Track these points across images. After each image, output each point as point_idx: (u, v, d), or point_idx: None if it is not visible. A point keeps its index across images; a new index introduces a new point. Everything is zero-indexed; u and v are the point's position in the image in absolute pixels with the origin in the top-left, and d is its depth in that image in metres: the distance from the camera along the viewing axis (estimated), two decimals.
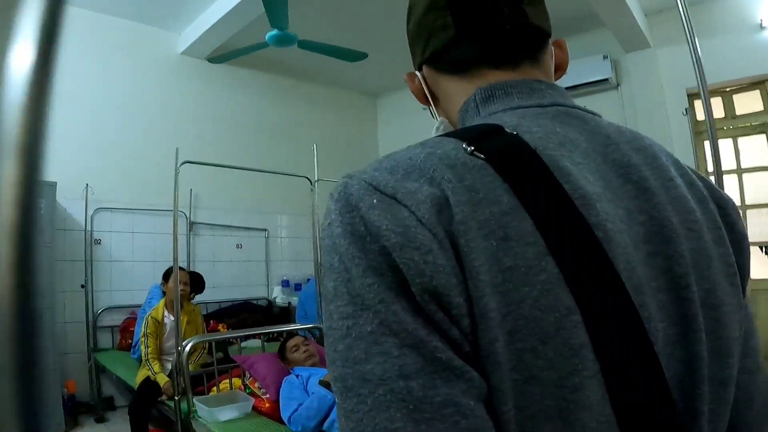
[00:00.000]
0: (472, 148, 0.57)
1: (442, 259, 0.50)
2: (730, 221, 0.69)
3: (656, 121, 6.00)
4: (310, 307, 5.97)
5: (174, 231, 3.71)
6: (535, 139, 0.59)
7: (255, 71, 7.42)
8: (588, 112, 0.70)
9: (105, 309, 5.92)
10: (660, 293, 0.57)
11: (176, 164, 3.71)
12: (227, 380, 3.93)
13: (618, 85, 6.32)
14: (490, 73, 0.72)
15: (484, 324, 0.49)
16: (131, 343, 5.41)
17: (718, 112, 6.06)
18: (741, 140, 5.99)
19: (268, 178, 6.15)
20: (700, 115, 6.01)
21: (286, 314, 6.86)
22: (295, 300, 6.74)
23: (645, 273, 0.57)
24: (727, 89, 6.06)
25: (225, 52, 5.79)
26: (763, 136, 5.95)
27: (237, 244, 7.07)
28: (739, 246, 0.69)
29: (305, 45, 5.07)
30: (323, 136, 6.98)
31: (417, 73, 0.81)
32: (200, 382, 3.92)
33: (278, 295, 7.08)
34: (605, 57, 6.17)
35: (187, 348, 3.44)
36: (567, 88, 3.22)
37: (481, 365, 0.50)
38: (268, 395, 3.50)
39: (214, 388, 3.84)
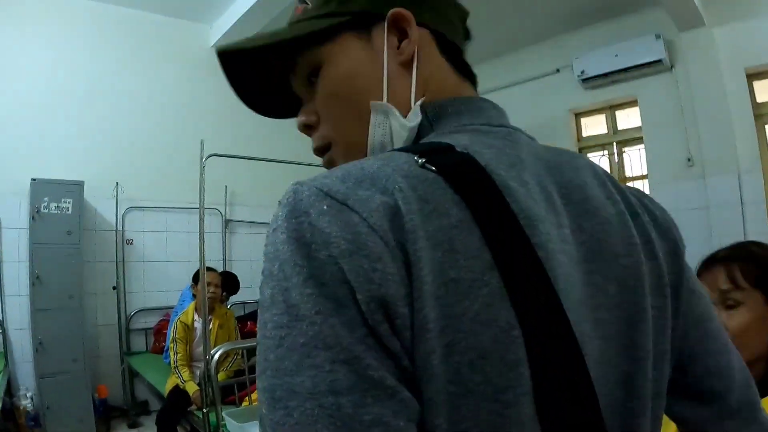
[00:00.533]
0: (423, 160, 0.56)
1: (391, 268, 0.49)
2: (662, 230, 0.72)
3: (714, 104, 5.60)
4: None
5: (200, 228, 3.53)
6: (485, 159, 0.59)
7: None
8: (527, 135, 0.70)
9: (138, 311, 5.82)
10: (598, 311, 0.59)
11: (201, 157, 3.52)
12: None
13: (672, 66, 5.92)
14: (464, 85, 0.75)
15: (422, 335, 0.49)
16: (164, 347, 5.26)
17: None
18: None
19: (306, 172, 5.90)
20: (760, 97, 5.64)
21: None
22: None
23: (583, 292, 0.58)
24: None
25: None
26: None
27: None
28: (672, 251, 0.71)
29: None
30: None
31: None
32: (232, 392, 3.71)
33: None
34: (658, 37, 5.76)
35: (216, 356, 3.20)
36: (618, 71, 3.46)
37: (417, 377, 0.49)
38: None
39: (247, 398, 3.61)
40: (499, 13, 6.11)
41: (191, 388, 3.88)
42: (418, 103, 0.69)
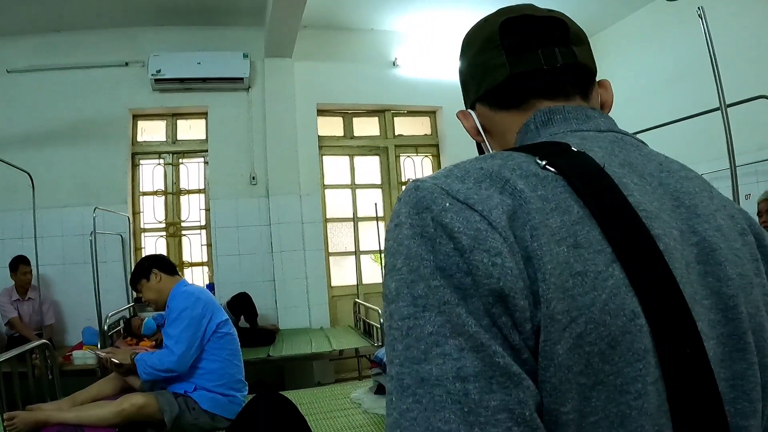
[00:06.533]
0: (545, 162, 0.60)
1: (510, 262, 0.51)
2: (766, 252, 0.70)
3: (285, 130, 6.15)
4: None
5: None
6: (598, 158, 0.62)
7: None
8: (637, 140, 0.73)
9: None
10: (711, 312, 0.59)
11: None
12: None
13: (250, 87, 6.19)
14: (545, 102, 0.75)
15: (551, 326, 0.50)
16: None
17: (337, 130, 6.67)
18: (357, 159, 6.72)
19: None
20: (321, 131, 6.46)
21: None
22: None
23: (697, 291, 0.59)
24: (349, 111, 6.69)
25: None
26: (377, 157, 6.72)
27: None
28: None
29: None
30: None
31: (470, 111, 0.84)
32: None
33: None
34: (246, 56, 5.99)
35: None
36: (197, 80, 4.78)
37: (541, 366, 0.51)
38: None
39: None
40: None
41: None
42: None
